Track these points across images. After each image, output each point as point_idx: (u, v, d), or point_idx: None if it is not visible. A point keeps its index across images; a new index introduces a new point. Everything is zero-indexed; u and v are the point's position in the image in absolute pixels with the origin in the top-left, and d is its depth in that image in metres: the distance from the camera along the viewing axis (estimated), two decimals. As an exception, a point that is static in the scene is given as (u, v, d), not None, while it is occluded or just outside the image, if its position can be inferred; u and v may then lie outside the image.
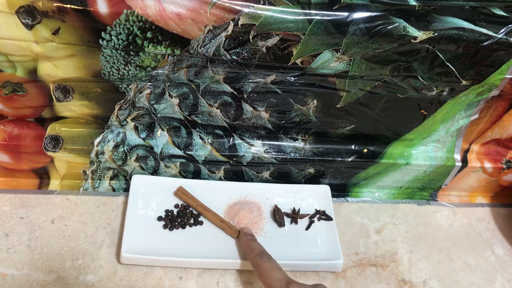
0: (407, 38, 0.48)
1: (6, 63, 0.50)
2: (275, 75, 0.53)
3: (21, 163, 0.60)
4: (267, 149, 0.61)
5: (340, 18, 0.47)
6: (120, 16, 0.46)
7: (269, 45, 0.50)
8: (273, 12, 0.47)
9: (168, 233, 0.56)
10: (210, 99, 0.56)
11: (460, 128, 0.62)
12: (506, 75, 0.54)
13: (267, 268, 0.48)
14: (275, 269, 0.48)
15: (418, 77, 0.53)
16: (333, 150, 0.62)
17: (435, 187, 0.68)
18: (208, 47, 0.50)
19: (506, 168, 0.65)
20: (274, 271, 0.48)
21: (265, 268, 0.48)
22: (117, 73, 0.52)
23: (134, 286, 0.52)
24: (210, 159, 0.60)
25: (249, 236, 0.55)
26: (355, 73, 0.52)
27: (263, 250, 0.52)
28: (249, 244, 0.53)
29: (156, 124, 0.58)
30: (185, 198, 0.59)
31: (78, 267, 0.53)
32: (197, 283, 0.53)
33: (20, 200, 0.59)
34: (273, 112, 0.57)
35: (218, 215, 0.58)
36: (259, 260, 0.49)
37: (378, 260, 0.59)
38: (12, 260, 0.52)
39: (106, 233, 0.57)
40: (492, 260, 0.61)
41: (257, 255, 0.50)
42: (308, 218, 0.61)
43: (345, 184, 0.67)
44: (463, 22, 0.49)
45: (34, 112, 0.56)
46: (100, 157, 0.60)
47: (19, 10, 0.45)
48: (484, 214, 0.68)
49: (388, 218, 0.65)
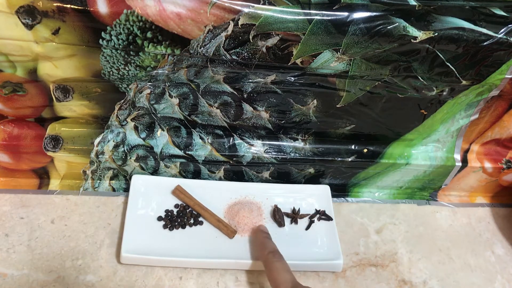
0: (407, 38, 0.48)
1: (6, 63, 0.50)
2: (275, 75, 0.53)
3: (21, 163, 0.60)
4: (267, 149, 0.61)
5: (340, 18, 0.47)
6: (120, 16, 0.46)
7: (269, 45, 0.50)
8: (273, 12, 0.47)
9: (168, 233, 0.56)
10: (210, 99, 0.56)
11: (460, 128, 0.62)
12: (506, 75, 0.54)
13: (277, 268, 0.48)
14: (285, 270, 0.48)
15: (418, 77, 0.53)
16: (333, 150, 0.62)
17: (435, 187, 0.68)
18: (208, 47, 0.50)
19: (506, 168, 0.65)
20: (283, 271, 0.48)
21: (275, 268, 0.48)
22: (117, 73, 0.52)
23: (134, 286, 0.52)
24: (210, 159, 0.60)
25: (265, 234, 0.56)
26: (355, 73, 0.52)
27: (276, 249, 0.52)
28: (263, 241, 0.54)
29: (156, 124, 0.58)
30: (182, 197, 0.59)
31: (78, 267, 0.53)
32: (197, 283, 0.53)
33: (20, 200, 0.59)
34: (273, 112, 0.57)
35: (215, 215, 0.58)
36: (271, 259, 0.50)
37: (378, 260, 0.59)
38: (12, 260, 0.52)
39: (106, 233, 0.57)
40: (492, 260, 0.61)
41: (270, 253, 0.51)
42: (308, 218, 0.61)
43: (345, 184, 0.67)
44: (463, 22, 0.49)
45: (34, 112, 0.56)
46: (100, 157, 0.60)
47: (19, 10, 0.45)
48: (484, 214, 0.68)
49: (388, 218, 0.65)
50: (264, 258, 0.51)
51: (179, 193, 0.60)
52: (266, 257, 0.50)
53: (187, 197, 0.59)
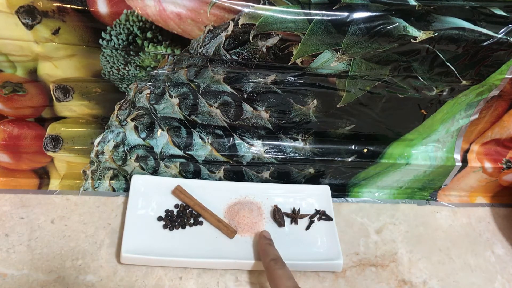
0: (407, 38, 0.48)
1: (6, 63, 0.50)
2: (275, 75, 0.53)
3: (21, 163, 0.60)
4: (267, 149, 0.61)
5: (340, 18, 0.47)
6: (120, 16, 0.46)
7: (269, 45, 0.50)
8: (273, 12, 0.47)
9: (168, 233, 0.56)
10: (210, 99, 0.56)
11: (460, 128, 0.62)
12: (506, 75, 0.54)
13: (279, 275, 0.48)
14: (287, 277, 0.48)
15: (418, 77, 0.53)
16: (333, 150, 0.62)
17: (435, 187, 0.68)
18: (208, 47, 0.50)
19: (506, 168, 0.65)
20: (285, 279, 0.48)
21: (278, 275, 0.48)
22: (117, 73, 0.52)
23: (134, 286, 0.52)
24: (210, 159, 0.60)
25: (267, 240, 0.55)
26: (355, 73, 0.52)
27: (279, 256, 0.52)
28: (265, 248, 0.53)
29: (156, 124, 0.58)
30: (182, 197, 0.59)
31: (78, 267, 0.53)
32: (197, 283, 0.53)
33: (20, 200, 0.59)
34: (273, 112, 0.57)
35: (215, 215, 0.58)
36: (273, 266, 0.50)
37: (378, 260, 0.59)
38: (12, 260, 0.52)
39: (106, 233, 0.57)
40: (492, 260, 0.61)
41: (272, 260, 0.50)
42: (308, 218, 0.61)
43: (345, 184, 0.67)
44: (463, 22, 0.49)
45: (34, 112, 0.56)
46: (100, 157, 0.60)
47: (19, 10, 0.45)
48: (484, 214, 0.68)
49: (388, 218, 0.65)
50: (266, 265, 0.51)
51: (179, 193, 0.60)
52: (268, 264, 0.50)
53: (187, 197, 0.59)
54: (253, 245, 0.56)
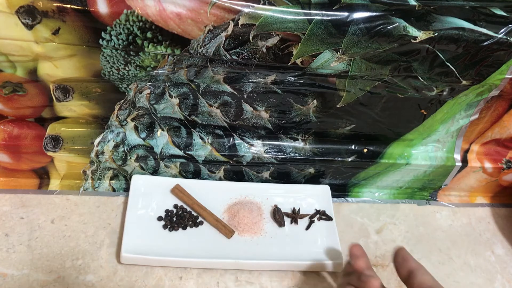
0: (407, 38, 0.48)
1: (6, 63, 0.50)
2: (275, 75, 0.53)
3: (21, 163, 0.60)
4: (267, 149, 0.61)
5: (340, 18, 0.47)
6: (120, 16, 0.46)
7: (269, 45, 0.50)
8: (273, 12, 0.47)
9: (168, 233, 0.56)
10: (210, 99, 0.56)
11: (460, 128, 0.62)
12: (506, 75, 0.54)
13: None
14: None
15: (418, 77, 0.53)
16: (333, 150, 0.62)
17: (435, 187, 0.68)
18: (208, 47, 0.50)
19: (506, 168, 0.65)
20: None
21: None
22: (117, 73, 0.52)
23: (134, 286, 0.52)
24: (210, 159, 0.60)
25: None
26: (355, 73, 0.52)
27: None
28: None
29: (156, 124, 0.58)
30: (181, 196, 0.59)
31: (78, 267, 0.53)
32: (197, 283, 0.53)
33: (20, 200, 0.59)
34: (273, 112, 0.57)
35: (214, 214, 0.58)
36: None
37: (378, 260, 0.59)
38: (12, 260, 0.52)
39: (106, 233, 0.57)
40: (492, 260, 0.61)
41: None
42: (308, 218, 0.61)
43: (345, 184, 0.67)
44: (463, 22, 0.49)
45: (34, 112, 0.56)
46: (100, 157, 0.60)
47: (19, 10, 0.45)
48: (484, 214, 0.68)
49: (388, 218, 0.65)
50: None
51: (178, 192, 0.60)
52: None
53: (185, 196, 0.59)
54: (253, 245, 0.56)
